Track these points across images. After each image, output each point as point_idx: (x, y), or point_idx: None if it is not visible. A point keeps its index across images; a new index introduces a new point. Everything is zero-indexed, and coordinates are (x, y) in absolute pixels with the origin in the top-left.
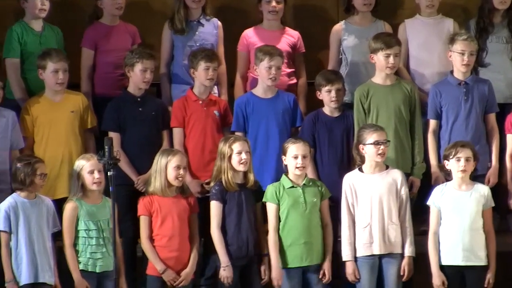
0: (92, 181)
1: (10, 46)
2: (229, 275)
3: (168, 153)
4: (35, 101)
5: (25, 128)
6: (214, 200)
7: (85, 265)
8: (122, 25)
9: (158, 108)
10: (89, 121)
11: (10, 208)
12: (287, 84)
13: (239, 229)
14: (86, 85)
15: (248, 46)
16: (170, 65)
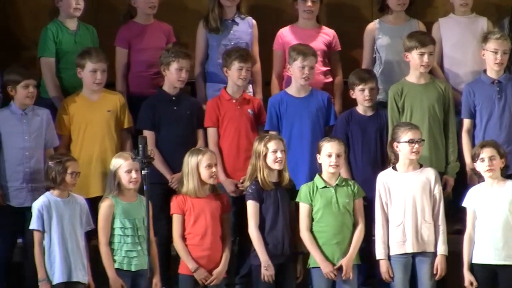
0: (129, 180)
1: (45, 45)
2: (271, 273)
3: (198, 153)
4: (72, 100)
5: (62, 126)
6: (251, 200)
7: (121, 264)
8: (156, 24)
9: (193, 107)
10: (126, 120)
11: (43, 207)
12: (323, 82)
13: (275, 227)
14: (121, 84)
15: (284, 45)
16: (205, 64)
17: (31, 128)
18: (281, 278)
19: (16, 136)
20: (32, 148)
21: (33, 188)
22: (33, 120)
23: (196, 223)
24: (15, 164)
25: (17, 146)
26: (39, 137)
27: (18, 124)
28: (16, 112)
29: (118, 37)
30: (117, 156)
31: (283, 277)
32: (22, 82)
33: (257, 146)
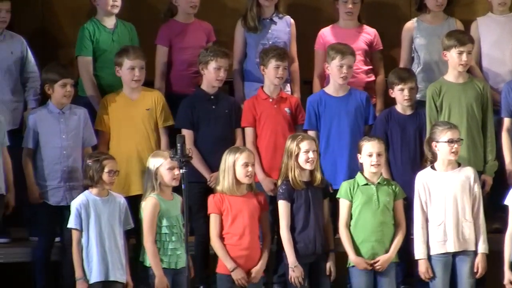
0: (172, 178)
1: (82, 44)
2: (298, 274)
3: (235, 151)
4: (112, 98)
5: (102, 123)
6: (282, 200)
7: (167, 262)
8: (197, 23)
9: (231, 106)
10: (164, 119)
11: (81, 206)
12: (365, 81)
13: (307, 227)
14: (160, 83)
15: (325, 45)
16: (243, 62)
17: (68, 127)
18: (314, 277)
19: (54, 135)
20: (69, 147)
21: (70, 187)
22: (70, 119)
23: (234, 223)
24: (53, 163)
25: (54, 145)
26: (76, 136)
27: (56, 123)
28: (53, 111)
29: (159, 35)
30: (154, 154)
31: (317, 276)
32: (59, 81)
33: (289, 146)
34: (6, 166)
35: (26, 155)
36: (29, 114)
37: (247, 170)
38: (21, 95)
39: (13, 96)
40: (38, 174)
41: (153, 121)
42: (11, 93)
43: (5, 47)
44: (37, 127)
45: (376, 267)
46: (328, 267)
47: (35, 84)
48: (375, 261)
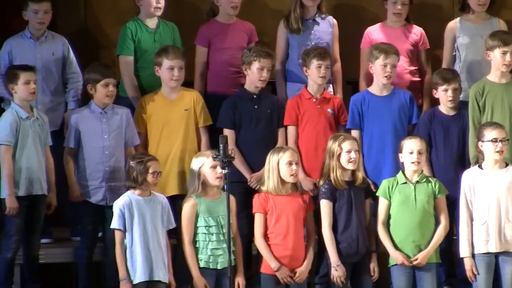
0: (215, 176)
1: (123, 43)
2: (340, 274)
3: (279, 151)
4: (150, 98)
5: (140, 124)
6: (324, 199)
7: (206, 262)
8: (238, 23)
9: (274, 106)
10: (203, 119)
11: (124, 206)
12: (410, 81)
13: (349, 226)
14: (199, 83)
15: (371, 43)
16: (285, 63)
17: (110, 127)
18: (356, 277)
19: (96, 135)
20: (111, 147)
21: (112, 187)
22: (112, 119)
23: (278, 222)
24: (95, 163)
25: (96, 145)
26: (118, 136)
27: (97, 123)
28: (95, 111)
29: (198, 36)
30: (197, 155)
31: (359, 277)
32: (102, 80)
33: (331, 146)
34: (48, 166)
35: (68, 154)
36: (71, 114)
37: (291, 169)
38: (62, 96)
39: (53, 97)
40: (80, 174)
41: (192, 121)
42: (52, 94)
43: (46, 48)
44: (79, 127)
45: (415, 263)
46: (371, 267)
47: (76, 85)
48: (415, 258)
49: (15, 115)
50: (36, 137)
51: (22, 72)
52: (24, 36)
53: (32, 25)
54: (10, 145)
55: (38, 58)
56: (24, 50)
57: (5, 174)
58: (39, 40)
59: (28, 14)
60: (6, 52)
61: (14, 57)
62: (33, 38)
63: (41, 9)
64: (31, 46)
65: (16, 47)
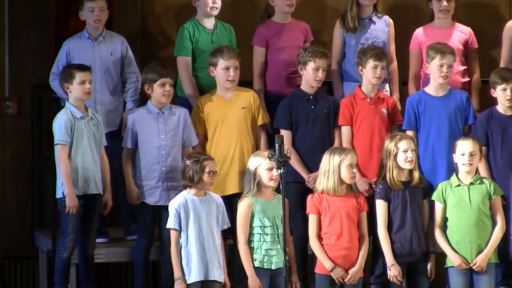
0: (270, 178)
1: (181, 44)
2: (396, 273)
3: (341, 152)
4: (207, 98)
5: (197, 125)
6: (379, 199)
7: (261, 262)
8: (294, 23)
9: (330, 106)
10: (260, 117)
11: (180, 206)
12: (461, 82)
13: (403, 227)
14: (258, 83)
15: (420, 45)
16: (342, 63)
17: (167, 127)
18: (413, 277)
19: (152, 135)
20: (168, 147)
21: (168, 187)
22: (169, 119)
23: (332, 223)
24: (151, 163)
25: (153, 145)
26: (175, 136)
27: (155, 123)
28: (152, 111)
29: (256, 36)
30: (255, 154)
31: (415, 277)
32: (158, 80)
33: (388, 145)
34: (103, 166)
35: (126, 156)
36: (128, 114)
37: (352, 171)
38: (121, 96)
39: (112, 97)
40: (137, 174)
41: (249, 120)
42: (111, 94)
43: (105, 48)
44: (135, 127)
45: (475, 268)
46: (428, 268)
47: (134, 85)
48: (473, 263)
49: (70, 114)
50: (91, 136)
51: (77, 72)
52: (82, 37)
53: (89, 24)
54: (66, 144)
55: (97, 58)
56: (83, 50)
57: (62, 173)
58: (97, 40)
59: (84, 13)
60: (64, 52)
61: (73, 58)
62: (91, 38)
63: (96, 6)
64: (90, 46)
65: (75, 48)
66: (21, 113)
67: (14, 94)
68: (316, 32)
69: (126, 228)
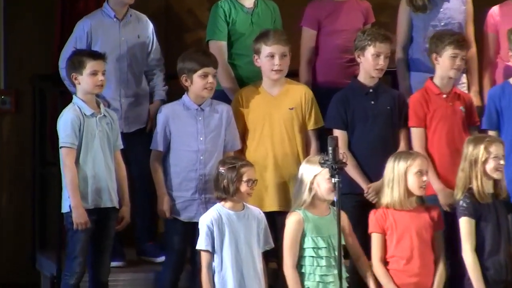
0: (330, 189)
1: (215, 26)
2: None
3: (407, 157)
4: (249, 91)
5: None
6: (465, 216)
7: None
8: (353, 1)
9: (394, 101)
10: (313, 120)
11: (213, 223)
12: None
13: (497, 249)
14: (306, 73)
15: (496, 26)
16: (408, 48)
17: (207, 127)
18: None
19: (189, 136)
20: (208, 152)
21: (206, 200)
22: (210, 118)
23: (400, 244)
24: (187, 170)
25: (190, 149)
26: (216, 138)
27: (192, 122)
28: (190, 107)
29: (305, 16)
30: (309, 161)
31: None
32: (200, 70)
33: (472, 150)
34: (119, 174)
35: (155, 159)
36: (160, 110)
37: (422, 179)
38: (146, 87)
39: (138, 89)
40: (168, 183)
41: (297, 123)
42: (136, 84)
43: (131, 30)
44: (169, 126)
45: None
46: None
47: (163, 74)
48: None
49: (78, 111)
50: (104, 138)
51: (89, 60)
52: (104, 14)
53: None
54: (72, 147)
55: (123, 41)
56: (108, 31)
57: (68, 182)
58: (123, 20)
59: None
60: (84, 32)
61: (95, 40)
62: (117, 17)
63: None
64: (115, 27)
65: (98, 28)
66: (20, 110)
67: (11, 87)
68: (376, 11)
69: (140, 246)
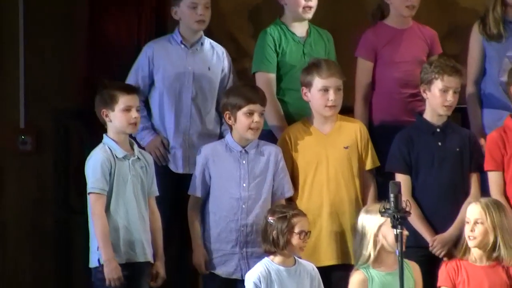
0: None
1: (263, 56)
2: None
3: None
4: (297, 130)
5: None
6: None
7: None
8: (416, 29)
9: (464, 142)
10: (369, 159)
11: (261, 280)
12: None
13: None
14: (362, 109)
15: None
16: (481, 82)
17: (252, 171)
18: None
19: (231, 181)
20: (251, 199)
21: (248, 254)
22: (256, 161)
23: None
24: (227, 220)
25: (231, 196)
26: (261, 185)
27: (235, 166)
28: (234, 148)
29: (361, 45)
30: (368, 211)
31: None
32: (245, 107)
33: None
34: (154, 224)
35: (193, 207)
36: (199, 151)
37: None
38: (216, 127)
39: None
40: (206, 233)
41: (354, 163)
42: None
43: (201, 60)
44: (209, 169)
45: None
46: None
47: None
48: None
49: (108, 153)
50: (138, 183)
51: (121, 94)
52: (172, 41)
53: (187, 24)
54: (102, 193)
55: (190, 71)
56: (172, 58)
57: (98, 233)
58: (193, 47)
59: (181, 10)
60: (145, 57)
61: (156, 67)
62: (185, 44)
63: (200, 1)
64: (182, 53)
65: (160, 52)
66: (41, 150)
67: (32, 125)
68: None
69: None
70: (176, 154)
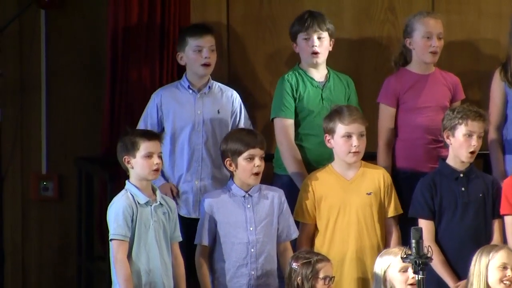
0: (405, 283)
1: (281, 102)
2: None
3: (490, 250)
4: (320, 177)
5: (305, 213)
6: None
7: None
8: (438, 75)
9: (487, 188)
10: (392, 206)
11: None
12: None
13: None
14: (385, 155)
15: None
16: (503, 128)
17: (257, 215)
18: None
19: (238, 226)
20: (259, 243)
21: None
22: (260, 205)
23: None
24: (237, 265)
25: (239, 241)
26: (269, 227)
27: (240, 211)
28: (236, 194)
29: (383, 91)
30: (382, 254)
31: None
32: (245, 152)
33: None
34: (177, 270)
35: (201, 255)
36: (203, 200)
37: (505, 274)
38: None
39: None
40: (216, 281)
41: (376, 209)
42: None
43: (210, 103)
44: (214, 216)
45: None
46: None
47: None
48: None
49: (130, 199)
50: (160, 229)
51: (143, 140)
52: (179, 87)
53: (193, 69)
54: (124, 239)
55: (199, 115)
56: (181, 103)
57: (122, 279)
58: (201, 91)
59: (187, 54)
60: (154, 105)
61: (166, 114)
62: (192, 89)
63: (205, 45)
64: (190, 99)
65: (168, 99)
66: (63, 197)
67: (54, 171)
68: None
69: None
70: (188, 199)
